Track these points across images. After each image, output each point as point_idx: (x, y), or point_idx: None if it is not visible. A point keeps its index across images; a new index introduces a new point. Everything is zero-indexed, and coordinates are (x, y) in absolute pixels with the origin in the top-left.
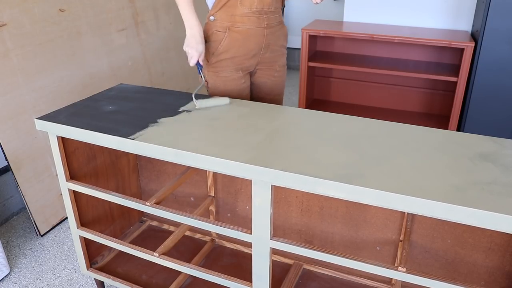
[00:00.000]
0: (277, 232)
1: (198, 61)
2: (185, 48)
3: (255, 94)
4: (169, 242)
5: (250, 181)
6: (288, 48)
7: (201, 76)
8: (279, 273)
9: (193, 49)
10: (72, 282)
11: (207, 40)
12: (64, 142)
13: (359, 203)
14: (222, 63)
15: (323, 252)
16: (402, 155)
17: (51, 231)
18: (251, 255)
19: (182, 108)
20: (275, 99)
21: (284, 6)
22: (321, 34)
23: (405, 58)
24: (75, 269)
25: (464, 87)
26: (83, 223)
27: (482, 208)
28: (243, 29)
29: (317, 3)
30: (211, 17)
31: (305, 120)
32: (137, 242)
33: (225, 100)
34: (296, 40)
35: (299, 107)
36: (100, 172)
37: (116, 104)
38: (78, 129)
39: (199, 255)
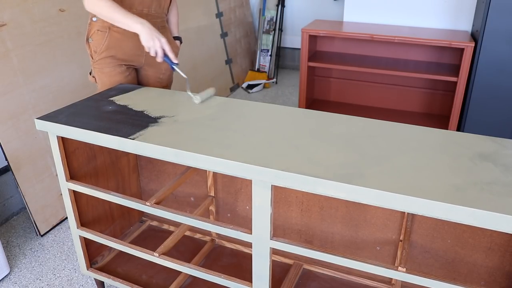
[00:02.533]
0: (277, 232)
1: (167, 56)
2: (147, 43)
3: None
4: (169, 242)
5: (250, 181)
6: (288, 48)
7: (180, 72)
8: (279, 273)
9: (156, 40)
10: (72, 282)
11: (90, 39)
12: (64, 142)
13: (359, 203)
14: (106, 60)
15: (323, 252)
16: (402, 155)
17: (51, 231)
18: (251, 255)
19: (182, 108)
20: None
21: (284, 6)
22: (321, 34)
23: (405, 58)
24: (75, 269)
25: (464, 87)
26: (83, 223)
27: (482, 208)
28: (122, 29)
29: None
30: (94, 18)
31: (305, 120)
32: (137, 242)
33: (213, 91)
34: (296, 40)
35: (299, 107)
36: (100, 172)
37: (116, 104)
38: (78, 129)
39: (199, 255)
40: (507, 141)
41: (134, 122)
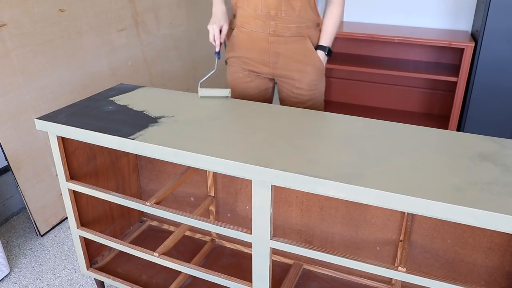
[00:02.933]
0: (277, 232)
1: (216, 45)
2: (208, 26)
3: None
4: (169, 242)
5: (250, 181)
6: None
7: (216, 61)
8: (279, 273)
9: (210, 26)
10: (72, 282)
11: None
12: (64, 142)
13: (359, 203)
14: (231, 60)
15: (323, 252)
16: (402, 155)
17: (51, 231)
18: (251, 255)
19: (182, 108)
20: None
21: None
22: None
23: (405, 58)
24: (75, 269)
25: (464, 87)
26: (83, 223)
27: (482, 208)
28: (247, 30)
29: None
30: (233, 16)
31: (305, 120)
32: (137, 242)
33: (225, 92)
34: None
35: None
36: (100, 172)
37: (116, 104)
38: (78, 129)
39: (199, 255)
40: (507, 141)
41: (134, 122)
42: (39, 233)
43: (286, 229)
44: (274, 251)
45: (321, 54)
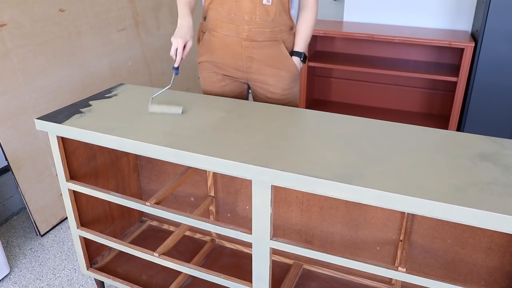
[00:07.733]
0: (277, 232)
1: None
2: (172, 39)
3: None
4: (169, 242)
5: (250, 181)
6: None
7: (172, 78)
8: (279, 273)
9: (175, 39)
10: (72, 282)
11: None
12: (64, 142)
13: (359, 203)
14: (203, 64)
15: (323, 252)
16: (402, 155)
17: (51, 231)
18: (251, 255)
19: (182, 108)
20: None
21: None
22: (321, 34)
23: (405, 58)
24: (75, 269)
25: (464, 87)
26: (83, 223)
27: (482, 208)
28: (220, 34)
29: None
30: (203, 18)
31: (305, 120)
32: (137, 242)
33: (177, 110)
34: None
35: (299, 107)
36: (100, 172)
37: (115, 104)
38: (78, 129)
39: (199, 255)
40: (507, 141)
41: (134, 122)
42: (39, 233)
43: (286, 229)
44: (274, 251)
45: (296, 60)
